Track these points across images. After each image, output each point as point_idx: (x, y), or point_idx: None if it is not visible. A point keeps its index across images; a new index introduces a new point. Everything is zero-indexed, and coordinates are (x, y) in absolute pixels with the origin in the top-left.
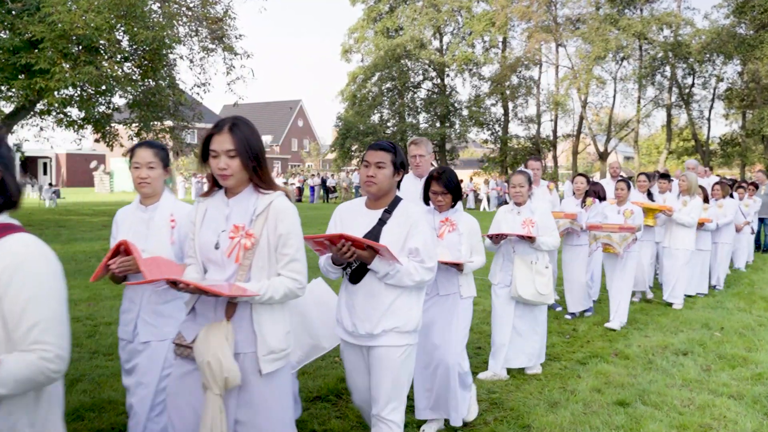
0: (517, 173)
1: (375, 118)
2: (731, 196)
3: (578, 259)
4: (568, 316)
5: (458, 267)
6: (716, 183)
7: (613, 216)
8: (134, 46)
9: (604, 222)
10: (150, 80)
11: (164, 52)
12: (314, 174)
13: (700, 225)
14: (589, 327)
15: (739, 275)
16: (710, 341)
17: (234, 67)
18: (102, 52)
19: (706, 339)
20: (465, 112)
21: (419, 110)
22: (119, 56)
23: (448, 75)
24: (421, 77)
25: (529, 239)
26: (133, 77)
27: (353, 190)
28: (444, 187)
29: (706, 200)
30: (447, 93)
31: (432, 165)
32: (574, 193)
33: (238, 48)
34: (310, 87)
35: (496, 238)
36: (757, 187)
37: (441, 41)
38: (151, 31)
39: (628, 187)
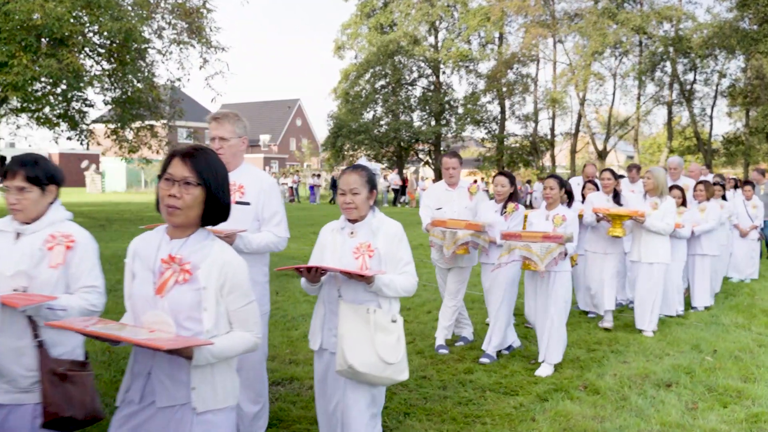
0: (349, 171)
1: (369, 116)
2: (723, 197)
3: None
4: (484, 359)
5: (179, 353)
6: (699, 182)
7: (539, 223)
8: (101, 39)
9: (528, 230)
10: (120, 74)
11: (134, 45)
12: (317, 174)
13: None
14: None
15: (739, 284)
16: (700, 368)
17: (208, 60)
18: (67, 44)
19: (695, 366)
20: (461, 110)
21: (413, 108)
22: (86, 49)
23: (443, 72)
24: (416, 74)
25: (362, 278)
26: (108, 72)
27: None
28: (193, 170)
29: (683, 203)
30: (442, 90)
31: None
32: (493, 197)
33: (214, 41)
34: (309, 86)
35: (312, 274)
36: (753, 186)
37: (436, 37)
38: (119, 22)
39: (561, 187)
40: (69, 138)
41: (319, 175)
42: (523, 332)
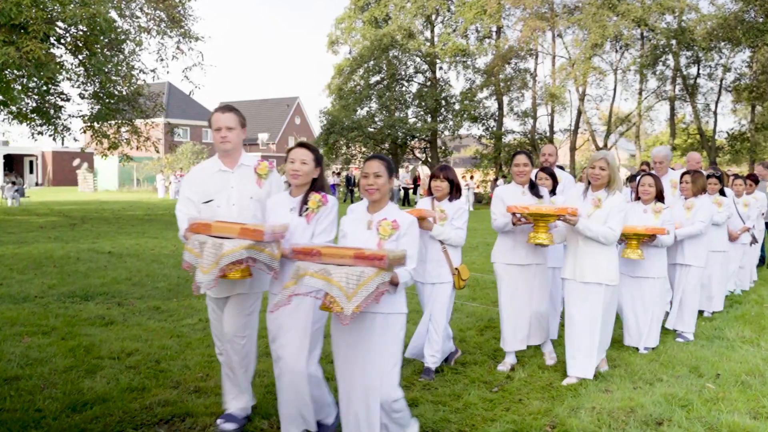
0: None
1: (363, 112)
2: (722, 193)
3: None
4: None
5: None
6: (685, 173)
7: (357, 233)
8: (65, 26)
9: (330, 245)
10: (91, 66)
11: (110, 35)
12: (336, 171)
13: (651, 238)
14: (531, 374)
15: (744, 292)
16: (698, 399)
17: (183, 51)
18: (27, 31)
19: (692, 395)
20: (458, 107)
21: (408, 104)
22: (51, 38)
23: (440, 68)
24: (412, 70)
25: None
26: (83, 63)
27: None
28: None
29: (660, 198)
30: (438, 86)
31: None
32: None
33: (192, 31)
34: (308, 84)
35: None
36: (757, 181)
37: (432, 31)
38: (84, 8)
39: (390, 173)
40: (40, 133)
41: (339, 173)
42: (494, 349)
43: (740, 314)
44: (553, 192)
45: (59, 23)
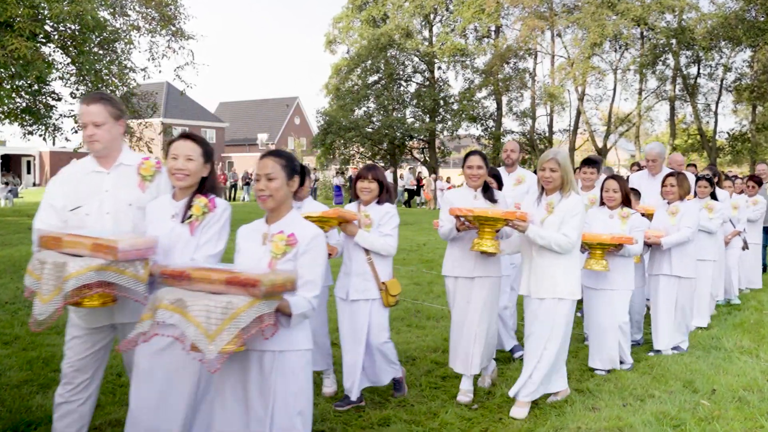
0: None
1: (360, 112)
2: (713, 196)
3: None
4: None
5: None
6: (669, 175)
7: (250, 248)
8: (53, 23)
9: (204, 267)
10: (81, 65)
11: (102, 34)
12: (340, 171)
13: (618, 247)
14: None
15: (741, 297)
16: (692, 418)
17: (175, 50)
18: (13, 28)
19: (685, 414)
20: (456, 107)
21: (406, 104)
22: (38, 35)
23: (439, 67)
24: (410, 69)
25: None
26: (76, 62)
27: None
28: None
29: (626, 202)
30: (437, 86)
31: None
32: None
33: (185, 30)
34: (308, 84)
35: None
36: (760, 183)
37: (430, 31)
38: (71, 5)
39: (293, 173)
40: (31, 133)
41: (342, 173)
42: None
43: (739, 322)
44: None
45: (48, 21)
